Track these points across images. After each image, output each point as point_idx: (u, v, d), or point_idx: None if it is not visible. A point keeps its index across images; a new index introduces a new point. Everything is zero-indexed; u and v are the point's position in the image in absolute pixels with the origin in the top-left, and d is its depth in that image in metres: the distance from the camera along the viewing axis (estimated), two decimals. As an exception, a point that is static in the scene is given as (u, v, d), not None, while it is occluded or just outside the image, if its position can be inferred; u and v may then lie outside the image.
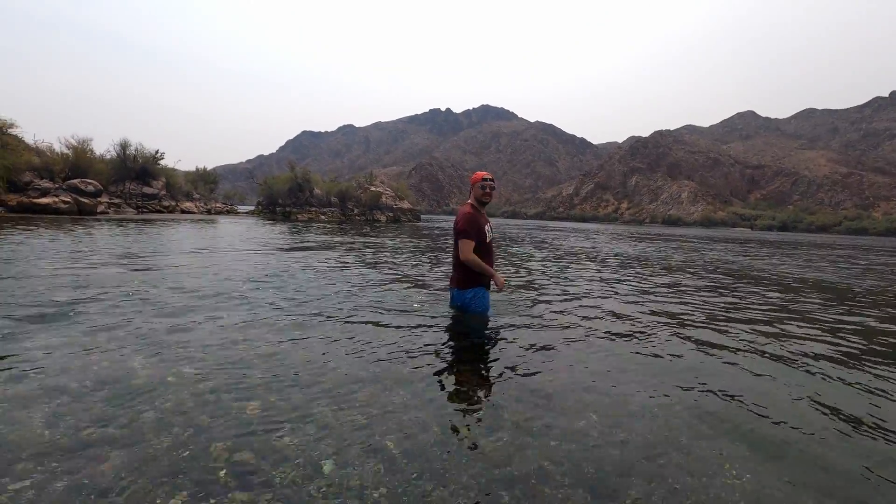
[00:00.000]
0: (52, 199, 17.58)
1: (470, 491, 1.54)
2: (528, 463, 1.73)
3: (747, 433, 2.08)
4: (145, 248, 8.22)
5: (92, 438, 1.74)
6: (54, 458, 1.60)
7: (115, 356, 2.61)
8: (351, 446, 1.78)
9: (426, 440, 1.86)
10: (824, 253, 19.80)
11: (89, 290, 4.30)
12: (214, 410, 2.01)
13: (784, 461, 1.86)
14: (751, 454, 1.89)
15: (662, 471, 1.72)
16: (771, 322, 4.56)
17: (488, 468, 1.68)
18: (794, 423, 2.21)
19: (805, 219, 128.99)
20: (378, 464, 1.67)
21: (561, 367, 2.87)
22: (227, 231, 14.61)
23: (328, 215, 31.31)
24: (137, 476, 1.52)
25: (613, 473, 1.69)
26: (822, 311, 5.32)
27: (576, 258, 11.17)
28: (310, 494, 1.48)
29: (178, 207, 26.20)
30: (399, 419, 2.03)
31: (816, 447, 1.98)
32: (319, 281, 5.57)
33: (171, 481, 1.51)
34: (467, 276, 3.86)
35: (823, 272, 10.58)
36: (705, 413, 2.26)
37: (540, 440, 1.91)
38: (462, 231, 3.72)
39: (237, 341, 3.01)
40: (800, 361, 3.25)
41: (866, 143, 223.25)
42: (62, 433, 1.76)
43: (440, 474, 1.63)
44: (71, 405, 1.99)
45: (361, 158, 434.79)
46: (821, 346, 3.69)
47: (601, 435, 1.98)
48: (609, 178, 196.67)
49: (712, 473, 1.73)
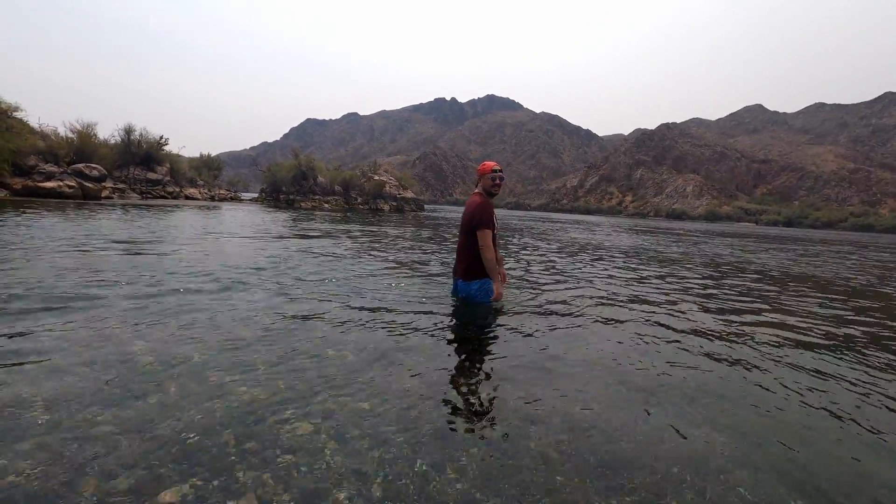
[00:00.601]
0: (57, 184, 17.63)
1: (471, 478, 1.57)
2: (530, 450, 1.76)
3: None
4: (150, 232, 8.26)
5: (97, 421, 1.77)
6: (59, 441, 1.64)
7: (120, 339, 2.65)
8: (353, 432, 1.81)
9: (428, 427, 1.89)
10: (818, 249, 19.71)
11: (93, 274, 4.34)
12: (220, 395, 2.04)
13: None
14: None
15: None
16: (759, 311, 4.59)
17: (491, 455, 1.71)
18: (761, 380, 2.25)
19: (811, 214, 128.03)
20: (380, 450, 1.70)
21: (561, 352, 2.90)
22: (232, 218, 14.64)
23: (332, 204, 31.30)
24: (144, 461, 1.56)
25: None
26: (797, 301, 5.33)
27: (576, 249, 11.16)
28: (314, 479, 1.51)
29: (183, 193, 26.23)
30: (401, 406, 2.06)
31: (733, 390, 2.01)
32: (322, 268, 5.59)
33: (178, 466, 1.54)
34: (475, 267, 3.85)
35: (807, 266, 10.56)
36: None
37: (543, 427, 1.94)
38: (485, 222, 3.71)
39: (242, 326, 3.04)
40: (757, 339, 3.28)
41: (875, 138, 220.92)
42: (66, 416, 1.80)
43: (440, 461, 1.66)
44: (76, 386, 2.03)
45: (365, 147, 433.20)
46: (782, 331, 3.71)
47: (601, 419, 2.00)
48: (614, 171, 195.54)
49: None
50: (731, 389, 2.55)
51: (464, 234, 3.89)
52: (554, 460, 1.71)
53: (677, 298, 5.33)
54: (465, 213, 3.88)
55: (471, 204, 3.85)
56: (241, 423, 1.81)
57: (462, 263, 3.94)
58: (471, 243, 3.82)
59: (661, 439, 1.92)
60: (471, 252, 3.84)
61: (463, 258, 3.93)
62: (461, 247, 3.94)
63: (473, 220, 3.76)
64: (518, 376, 2.53)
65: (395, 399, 2.13)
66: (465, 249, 3.88)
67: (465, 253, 3.90)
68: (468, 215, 3.82)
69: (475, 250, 3.81)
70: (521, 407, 2.15)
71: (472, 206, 3.80)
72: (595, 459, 1.73)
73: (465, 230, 3.88)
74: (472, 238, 3.81)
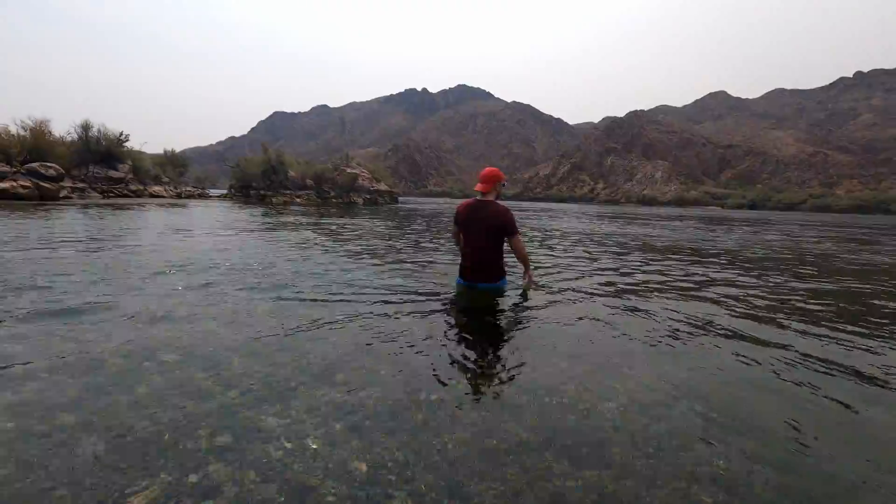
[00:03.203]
0: (10, 184, 16.76)
1: (451, 463, 1.59)
2: (510, 434, 1.79)
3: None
4: (112, 231, 7.95)
5: (67, 422, 1.72)
6: (29, 444, 1.58)
7: (89, 339, 2.56)
8: (333, 424, 1.80)
9: (408, 415, 1.90)
10: (758, 228, 20.53)
11: (55, 276, 4.17)
12: (194, 393, 2.00)
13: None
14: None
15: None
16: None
17: (471, 439, 1.73)
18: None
19: (773, 197, 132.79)
20: (361, 440, 1.70)
21: (540, 335, 2.95)
22: (200, 215, 14.24)
23: (304, 198, 30.75)
24: (117, 459, 1.52)
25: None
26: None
27: (548, 237, 11.31)
28: (293, 471, 1.51)
29: (147, 192, 25.33)
30: (382, 395, 2.06)
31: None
32: (299, 263, 5.51)
33: (151, 463, 1.51)
34: (501, 268, 4.07)
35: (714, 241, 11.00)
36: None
37: (516, 412, 1.97)
38: (517, 228, 3.91)
39: (216, 324, 2.98)
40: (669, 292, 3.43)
41: (832, 122, 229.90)
42: (35, 419, 1.74)
43: (421, 448, 1.67)
44: (44, 392, 1.96)
45: (336, 140, 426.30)
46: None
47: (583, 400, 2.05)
48: (585, 159, 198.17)
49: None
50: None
51: (490, 240, 3.95)
52: (528, 441, 1.74)
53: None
54: (493, 220, 3.89)
55: (500, 211, 3.89)
56: (216, 419, 1.79)
57: (488, 267, 4.01)
58: (497, 247, 3.99)
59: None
60: (497, 255, 4.02)
61: (487, 263, 4.00)
62: (484, 252, 3.97)
63: (508, 226, 3.88)
64: (500, 359, 2.57)
65: (375, 389, 2.13)
66: (491, 253, 3.99)
67: (491, 255, 3.99)
68: (500, 223, 3.87)
69: (500, 254, 4.03)
70: (499, 391, 2.18)
71: (501, 212, 3.89)
72: (573, 441, 1.77)
73: (492, 237, 3.93)
74: (499, 243, 3.98)
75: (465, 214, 4.00)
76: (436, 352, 2.70)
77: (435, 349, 2.74)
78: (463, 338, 3.00)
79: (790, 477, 1.59)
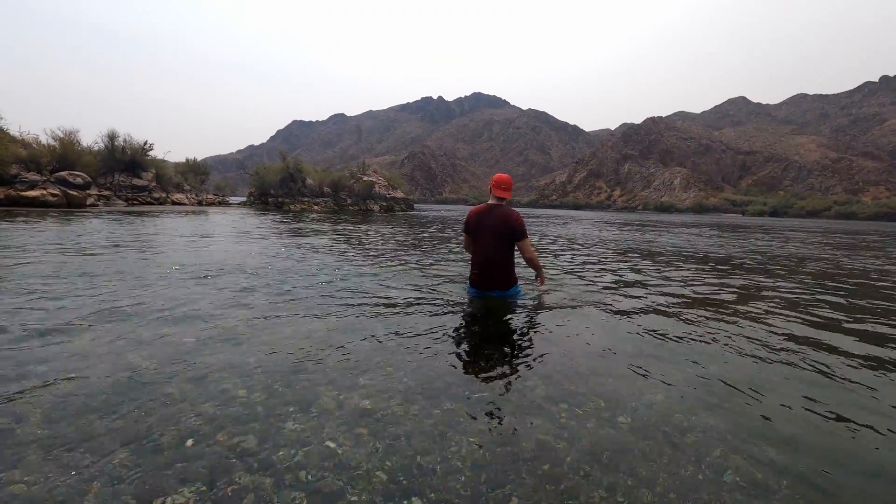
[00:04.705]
0: (41, 192, 17.34)
1: (473, 469, 1.58)
2: (531, 441, 1.77)
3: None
4: (139, 238, 8.16)
5: (96, 429, 1.76)
6: (58, 450, 1.62)
7: (114, 346, 2.62)
8: (353, 429, 1.81)
9: (429, 421, 1.90)
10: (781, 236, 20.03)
11: (83, 278, 4.28)
12: (217, 397, 2.03)
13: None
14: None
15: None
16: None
17: (491, 446, 1.72)
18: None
19: (795, 204, 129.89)
20: (381, 444, 1.70)
21: (558, 339, 2.92)
22: (221, 222, 14.51)
23: (321, 205, 31.12)
24: (145, 465, 1.55)
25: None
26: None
27: (563, 244, 11.24)
28: (315, 476, 1.51)
29: (169, 199, 25.94)
30: (401, 401, 2.06)
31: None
32: (316, 269, 5.57)
33: (180, 469, 1.53)
34: (513, 275, 4.02)
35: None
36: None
37: (542, 419, 1.95)
38: (527, 233, 3.86)
39: (237, 330, 3.02)
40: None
41: (856, 128, 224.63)
42: (66, 425, 1.78)
43: (443, 454, 1.67)
44: (71, 398, 2.01)
45: (353, 148, 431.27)
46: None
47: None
48: (601, 166, 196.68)
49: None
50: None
51: (500, 246, 3.88)
52: (550, 444, 1.73)
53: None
54: (502, 224, 3.84)
55: (510, 215, 3.85)
56: (239, 424, 1.81)
57: (502, 274, 3.95)
58: (508, 253, 3.92)
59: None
60: (508, 261, 3.96)
61: (498, 269, 3.94)
62: (495, 258, 3.91)
63: (517, 230, 3.82)
64: (518, 370, 2.55)
65: (394, 395, 2.13)
66: (502, 259, 3.92)
67: (502, 262, 3.93)
68: (509, 227, 3.82)
69: (511, 260, 3.97)
70: (520, 400, 2.17)
71: (513, 216, 3.84)
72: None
73: (502, 242, 3.87)
74: (510, 249, 3.92)
75: (476, 221, 3.95)
76: (453, 361, 2.69)
77: (452, 358, 2.74)
78: (477, 347, 2.98)
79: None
